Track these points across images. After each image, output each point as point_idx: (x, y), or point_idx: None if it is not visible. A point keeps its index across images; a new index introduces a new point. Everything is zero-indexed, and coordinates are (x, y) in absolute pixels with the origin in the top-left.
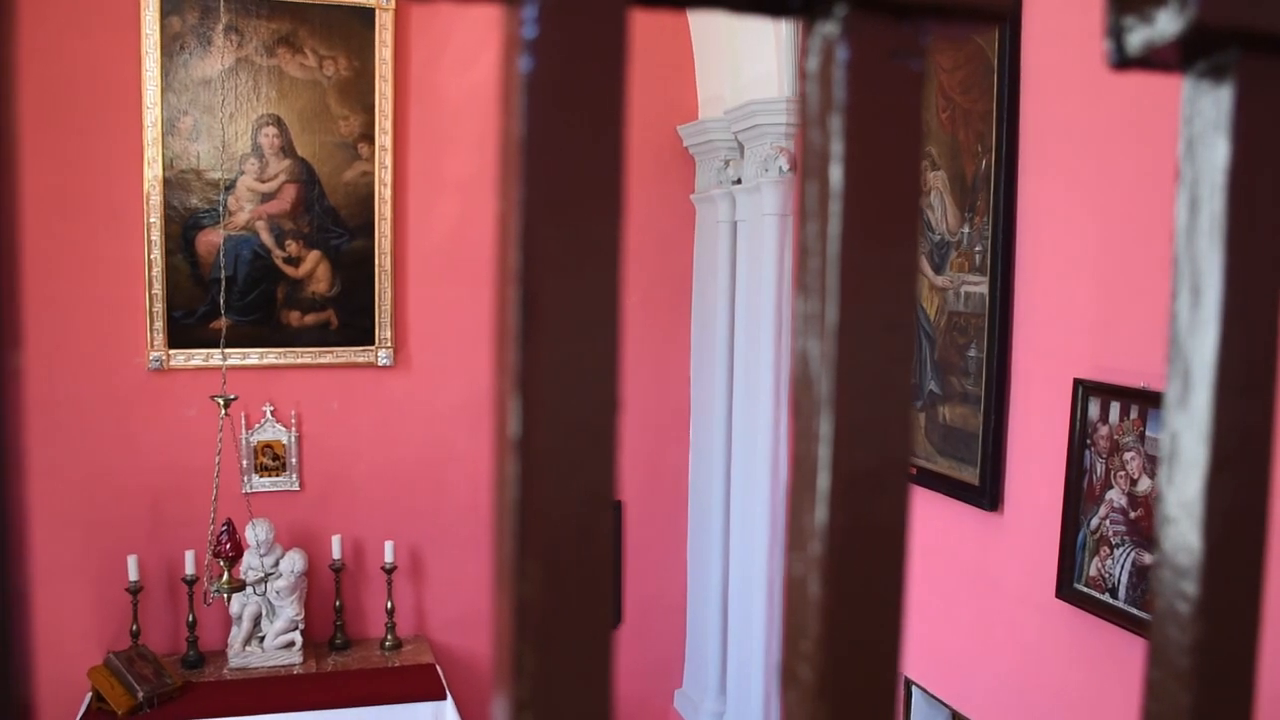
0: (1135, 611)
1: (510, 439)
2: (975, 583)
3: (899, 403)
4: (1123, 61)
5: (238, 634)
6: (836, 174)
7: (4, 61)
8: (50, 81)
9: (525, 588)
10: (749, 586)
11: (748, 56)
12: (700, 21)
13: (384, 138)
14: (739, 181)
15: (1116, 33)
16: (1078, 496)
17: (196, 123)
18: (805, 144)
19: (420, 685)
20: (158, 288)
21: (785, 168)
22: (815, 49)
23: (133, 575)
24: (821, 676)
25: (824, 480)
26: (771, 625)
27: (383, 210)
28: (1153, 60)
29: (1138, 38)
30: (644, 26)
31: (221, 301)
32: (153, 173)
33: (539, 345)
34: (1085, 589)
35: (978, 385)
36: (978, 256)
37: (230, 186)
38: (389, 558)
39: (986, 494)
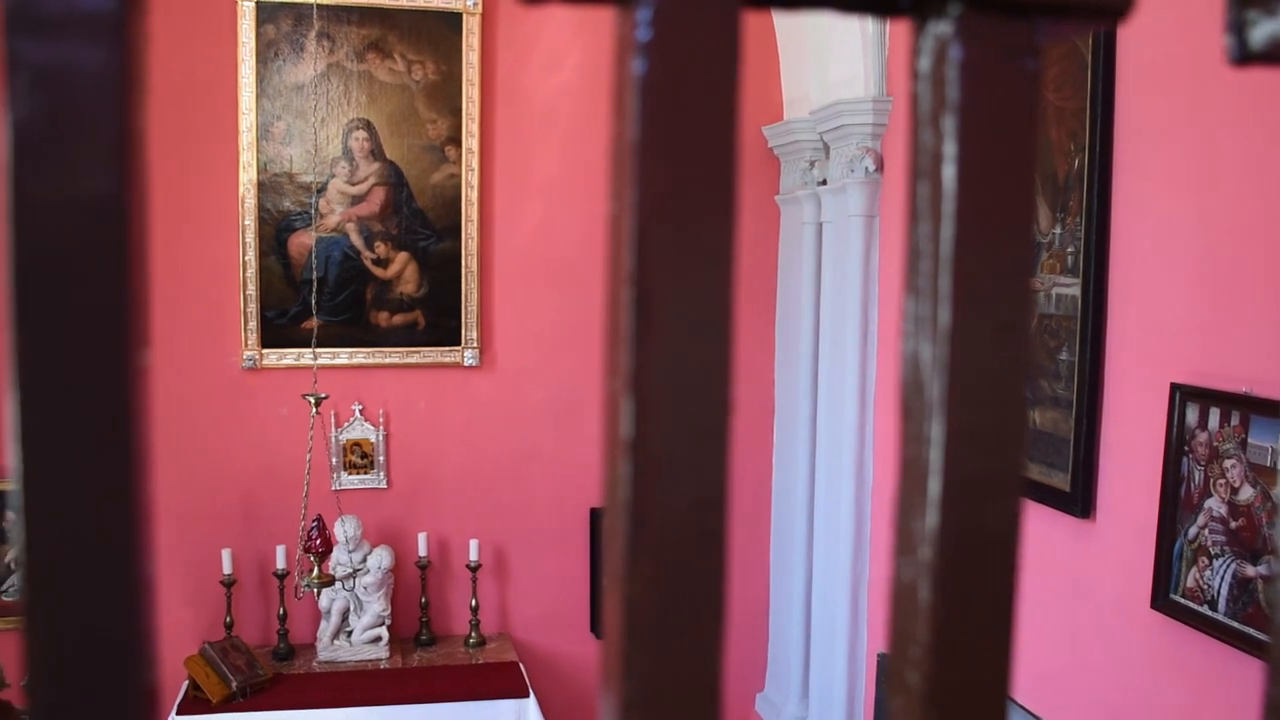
0: (1236, 625)
1: (623, 440)
2: (1066, 592)
3: (1012, 407)
4: (1245, 57)
5: (326, 628)
6: (950, 174)
7: (137, 76)
8: (152, 90)
9: (635, 589)
10: (833, 590)
11: (834, 57)
12: (786, 22)
13: (471, 140)
14: (824, 182)
15: (1238, 27)
16: (1174, 505)
17: (289, 127)
18: (916, 144)
19: (503, 683)
20: (251, 288)
21: (871, 168)
22: (927, 49)
23: (227, 569)
24: (930, 683)
25: (935, 485)
26: (856, 630)
27: (469, 212)
28: (1278, 55)
29: (1262, 32)
30: None
31: (313, 302)
32: (248, 176)
33: (652, 347)
34: (1182, 600)
35: (1069, 389)
36: (1070, 258)
37: (321, 189)
38: (473, 556)
39: (1078, 501)
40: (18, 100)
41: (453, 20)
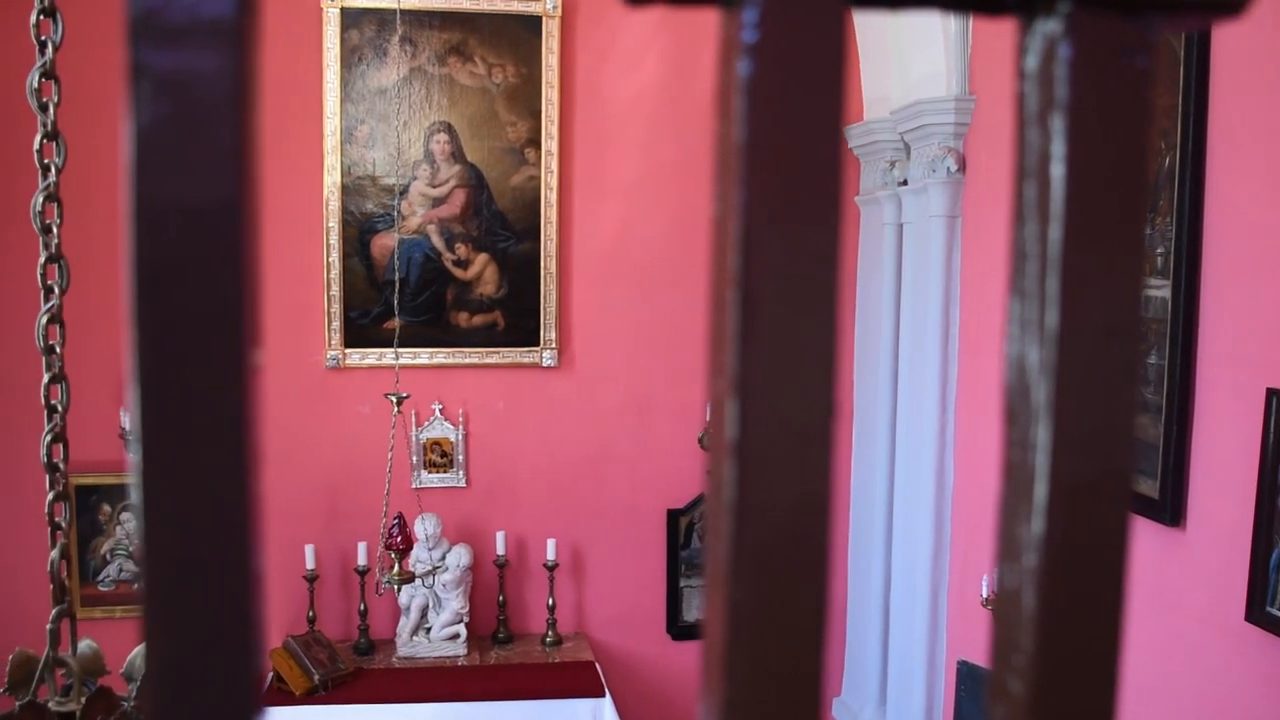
0: None
1: (727, 441)
2: (1154, 603)
3: (1122, 411)
4: None
5: (406, 624)
6: (1058, 174)
7: (252, 82)
8: None
9: (738, 590)
10: (911, 596)
11: (915, 55)
12: (866, 21)
13: (550, 143)
14: (905, 183)
15: None
16: (1270, 513)
17: (373, 131)
18: (1023, 144)
19: (579, 682)
20: (335, 289)
21: (954, 168)
22: (1035, 47)
23: (310, 564)
24: (1034, 692)
25: (1041, 491)
26: (935, 636)
27: (548, 214)
28: None
29: None
30: None
31: (395, 303)
32: (332, 179)
33: (757, 348)
34: (1279, 613)
35: (1158, 393)
36: (1159, 259)
37: (403, 192)
38: (551, 555)
39: (1167, 508)
40: (140, 107)
41: (532, 23)
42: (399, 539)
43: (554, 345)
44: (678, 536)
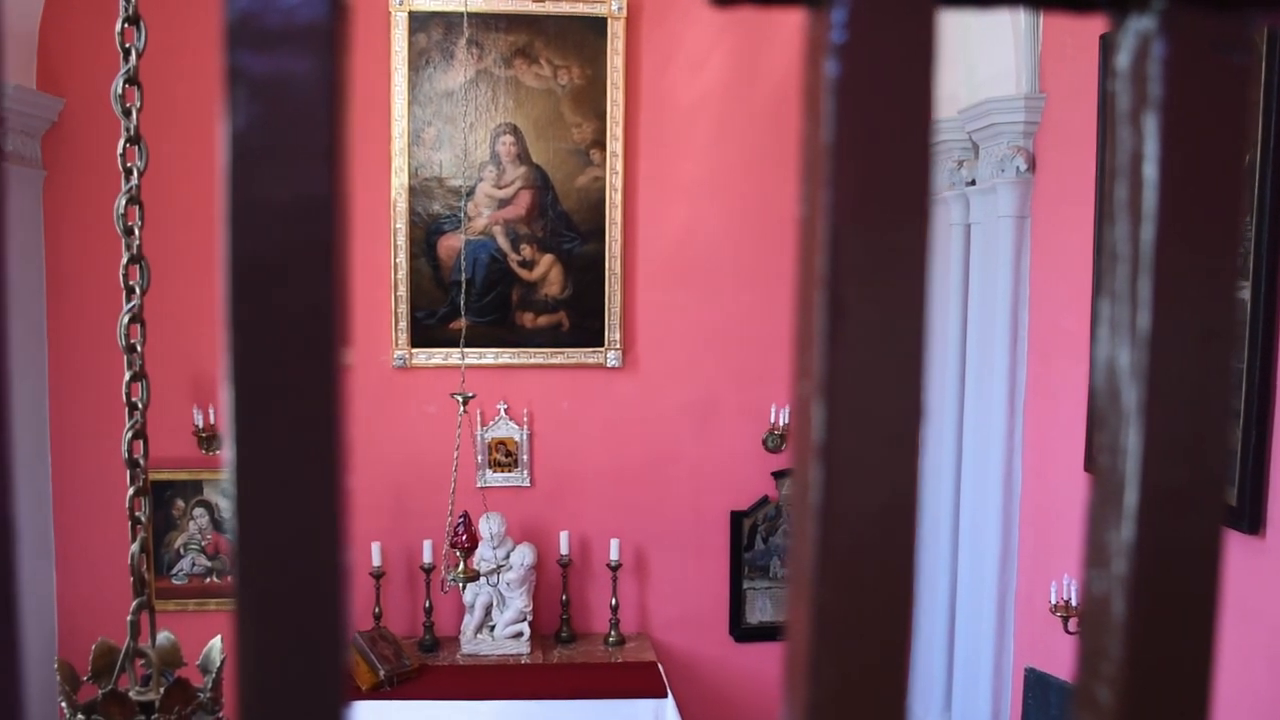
0: None
1: (814, 444)
2: (1233, 613)
3: (1215, 416)
4: None
5: (470, 622)
6: (1151, 174)
7: (344, 85)
8: None
9: (825, 594)
10: (978, 602)
11: (983, 53)
12: None
13: (615, 144)
14: (973, 183)
15: None
16: None
17: (439, 133)
18: (1114, 143)
19: (642, 682)
20: (402, 290)
21: (1023, 167)
22: (1127, 45)
23: (376, 561)
24: (1123, 700)
25: (1131, 496)
26: (1002, 643)
27: (613, 215)
28: None
29: None
30: None
31: (461, 303)
32: (399, 181)
33: (845, 350)
34: None
35: (1236, 398)
36: (1239, 259)
37: (470, 193)
38: (614, 555)
39: (1245, 516)
40: (237, 110)
41: (598, 25)
42: (464, 537)
43: (618, 346)
44: (741, 538)
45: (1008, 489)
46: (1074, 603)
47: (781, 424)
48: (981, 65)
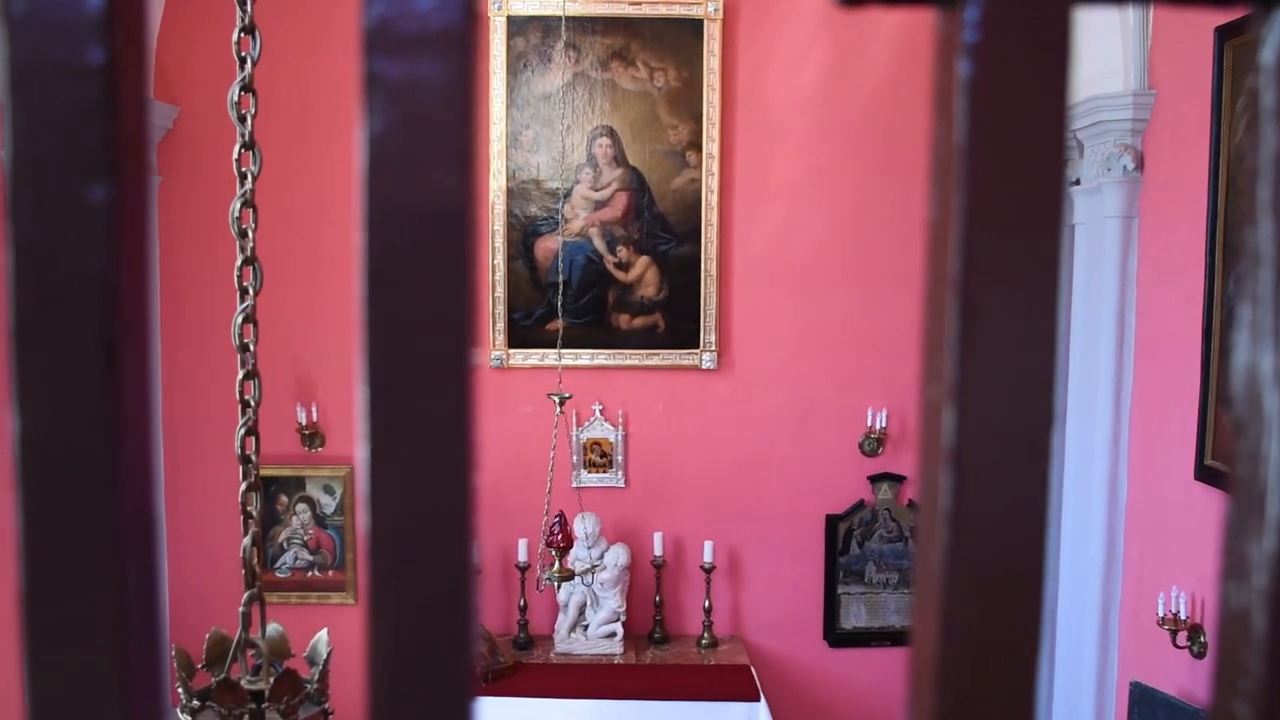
0: None
1: (944, 449)
2: None
3: None
4: None
5: (564, 621)
6: None
7: (476, 88)
8: None
9: (953, 599)
10: (1080, 613)
11: (1090, 50)
12: None
13: (711, 145)
14: (1078, 182)
15: None
16: None
17: (537, 136)
18: (1259, 142)
19: (734, 685)
20: (500, 291)
21: (1130, 166)
22: (1274, 40)
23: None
24: (1264, 718)
25: (1274, 507)
26: (1105, 656)
27: (709, 216)
28: None
29: None
30: None
31: (558, 304)
32: (497, 183)
33: (976, 355)
34: None
35: None
36: None
37: (566, 195)
38: (708, 557)
39: None
40: (373, 114)
41: (694, 26)
42: (560, 537)
43: (714, 347)
44: (836, 542)
45: (1112, 497)
46: (1184, 615)
47: (878, 427)
48: (1087, 61)
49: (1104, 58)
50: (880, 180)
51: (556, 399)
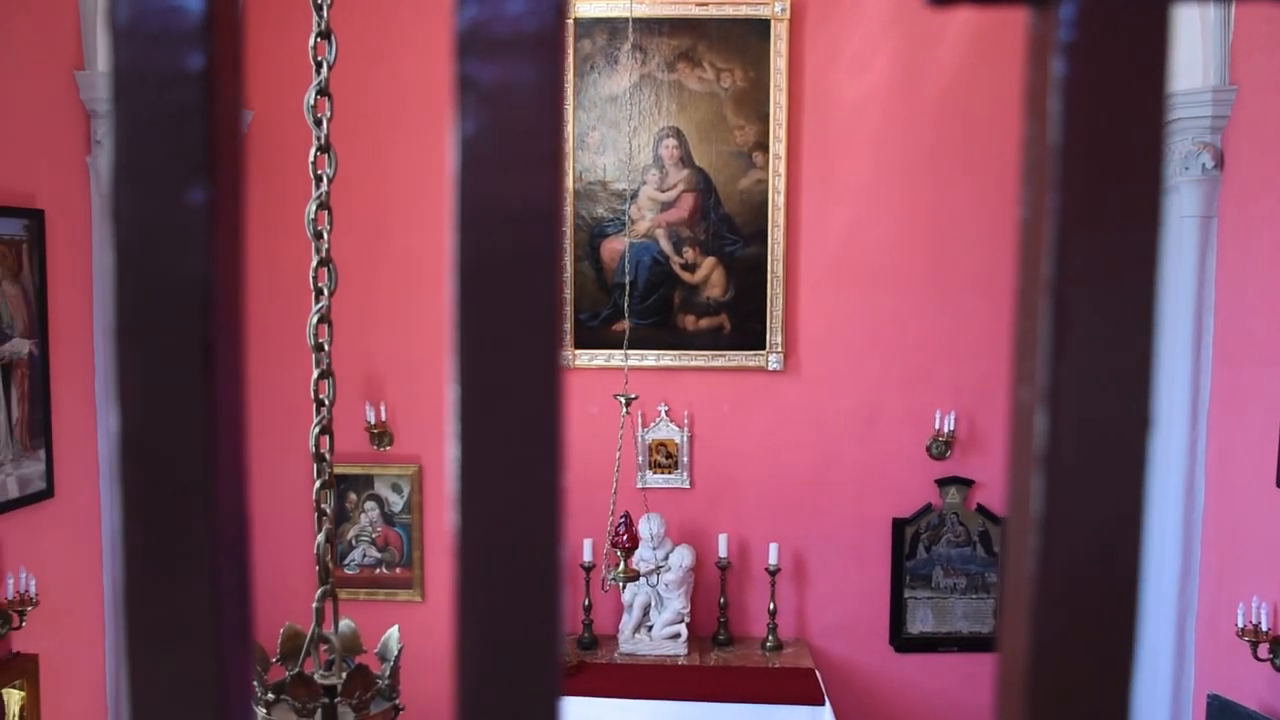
0: None
1: (1036, 453)
2: None
3: None
4: None
5: (628, 621)
6: None
7: (563, 90)
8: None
9: (1045, 610)
10: (1156, 622)
11: None
12: None
13: (778, 146)
14: None
15: None
16: None
17: (603, 137)
18: None
19: (799, 688)
20: (566, 292)
21: (1210, 165)
22: None
23: None
24: None
25: None
26: (1181, 668)
27: (776, 217)
28: None
29: None
30: None
31: (624, 305)
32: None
33: (1070, 357)
34: None
35: None
36: None
37: (633, 196)
38: (773, 560)
39: None
40: (466, 116)
41: (760, 27)
42: (625, 537)
43: (780, 349)
44: (903, 546)
45: (1189, 504)
46: (1265, 627)
47: (946, 430)
48: None
49: (1183, 52)
50: (950, 180)
51: (622, 400)
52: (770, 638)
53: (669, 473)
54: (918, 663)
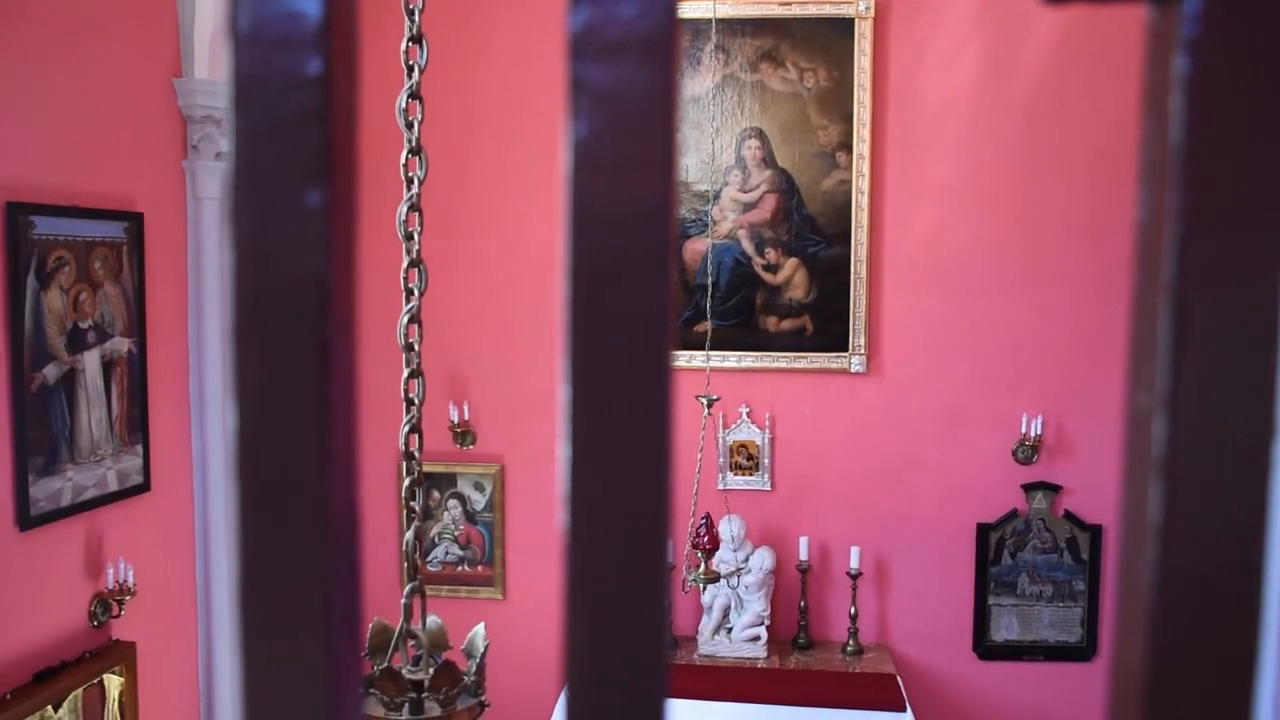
0: None
1: (1154, 460)
2: None
3: None
4: None
5: (708, 623)
6: None
7: (676, 92)
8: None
9: (1163, 618)
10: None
11: None
12: None
13: (862, 146)
14: None
15: None
16: None
17: (685, 138)
18: None
19: (880, 694)
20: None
21: None
22: None
23: None
24: None
25: None
26: None
27: (859, 218)
28: None
29: None
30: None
31: (706, 306)
32: None
33: (1190, 361)
34: None
35: None
36: None
37: (715, 197)
38: (854, 563)
39: None
40: (579, 119)
41: (844, 26)
42: (706, 539)
43: (862, 351)
44: (988, 552)
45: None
46: None
47: (1033, 435)
48: None
49: None
50: (1039, 179)
51: (704, 401)
52: (851, 642)
53: (750, 474)
54: (1002, 671)
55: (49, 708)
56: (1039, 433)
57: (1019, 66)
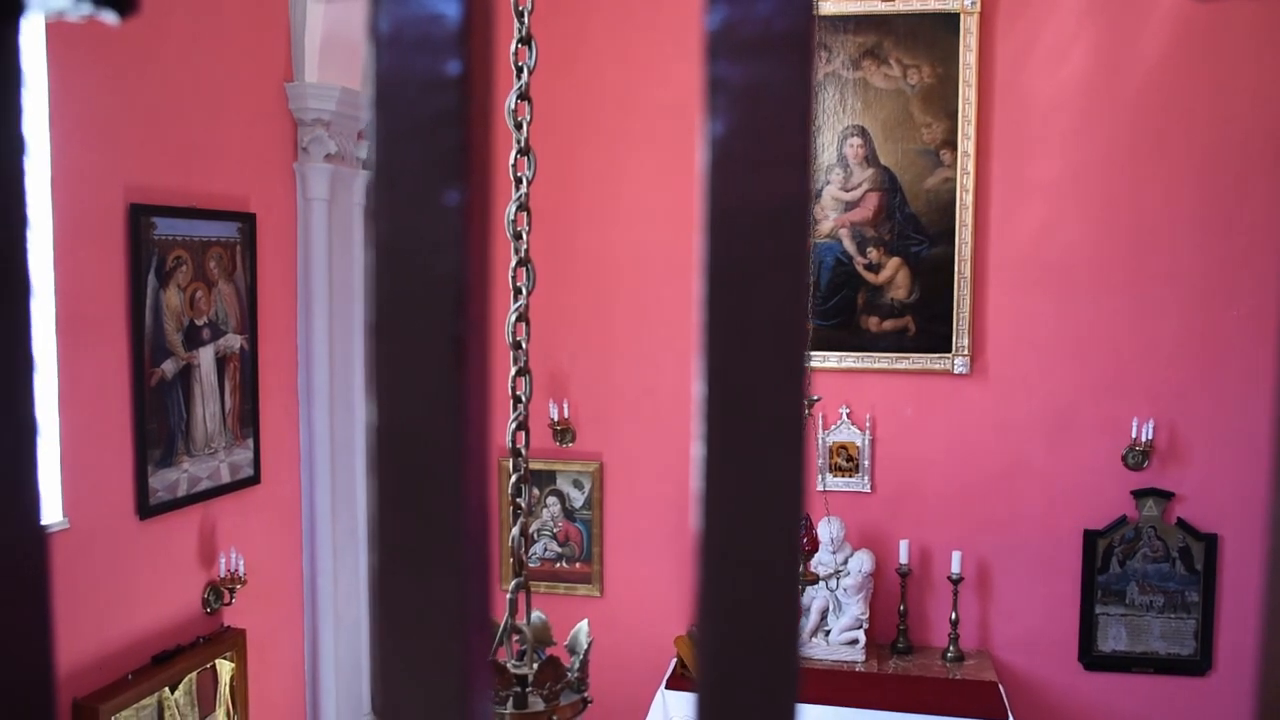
0: None
1: None
2: None
3: None
4: None
5: (805, 625)
6: None
7: (812, 91)
8: (638, 109)
9: None
10: None
11: None
12: None
13: (966, 143)
14: None
15: None
16: None
17: None
18: None
19: (980, 702)
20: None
21: None
22: None
23: None
24: None
25: None
26: None
27: (963, 217)
28: None
29: None
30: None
31: (807, 306)
32: None
33: None
34: None
35: None
36: None
37: (816, 196)
38: (956, 568)
39: None
40: (716, 117)
41: (950, 21)
42: (804, 540)
43: (966, 352)
44: (1095, 559)
45: None
46: None
47: (1144, 439)
48: None
49: None
50: (1152, 177)
51: (805, 401)
52: (951, 648)
53: (850, 476)
54: (1109, 682)
55: (166, 690)
56: (1150, 437)
57: (1132, 59)
